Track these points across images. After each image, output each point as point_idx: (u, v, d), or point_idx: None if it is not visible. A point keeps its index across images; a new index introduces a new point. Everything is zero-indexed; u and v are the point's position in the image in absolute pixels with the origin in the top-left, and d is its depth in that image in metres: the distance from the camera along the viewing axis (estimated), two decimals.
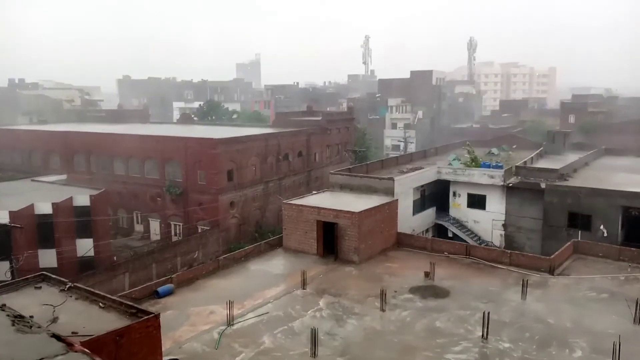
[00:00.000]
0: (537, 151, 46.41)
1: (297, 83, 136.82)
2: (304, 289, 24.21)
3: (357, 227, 27.92)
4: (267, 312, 21.62)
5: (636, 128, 61.24)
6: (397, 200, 32.18)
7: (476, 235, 37.67)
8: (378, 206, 30.08)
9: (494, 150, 50.61)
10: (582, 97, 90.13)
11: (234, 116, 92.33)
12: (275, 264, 28.30)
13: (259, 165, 47.44)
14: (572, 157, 42.86)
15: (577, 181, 35.98)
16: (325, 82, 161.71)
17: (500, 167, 37.91)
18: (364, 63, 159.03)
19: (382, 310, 21.78)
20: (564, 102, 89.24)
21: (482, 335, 19.25)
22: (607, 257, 27.71)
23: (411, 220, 36.01)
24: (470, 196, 38.59)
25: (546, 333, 19.65)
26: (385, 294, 22.31)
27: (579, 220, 32.42)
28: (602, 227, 31.41)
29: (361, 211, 28.48)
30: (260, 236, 41.17)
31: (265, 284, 25.01)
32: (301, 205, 30.58)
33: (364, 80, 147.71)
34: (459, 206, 39.21)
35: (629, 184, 34.13)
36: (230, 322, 20.42)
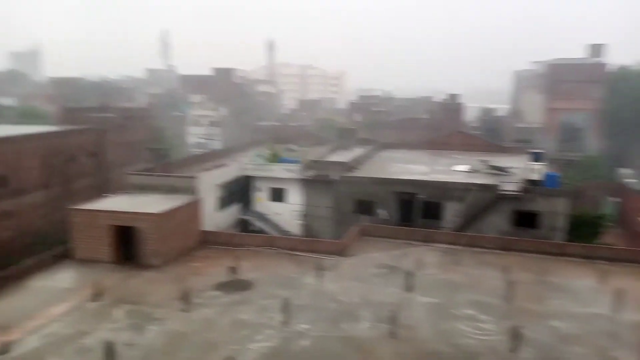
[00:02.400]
0: (330, 146, 50.64)
1: (88, 75, 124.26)
2: (97, 300, 22.28)
3: (157, 229, 26.77)
4: (54, 332, 19.31)
5: (408, 124, 71.47)
6: (200, 198, 31.81)
7: (279, 227, 39.48)
8: (180, 206, 29.28)
9: (293, 147, 53.59)
10: (366, 98, 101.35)
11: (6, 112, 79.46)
12: (63, 278, 25.41)
13: (41, 168, 41.83)
14: (358, 151, 47.86)
15: (361, 172, 40.38)
16: (121, 76, 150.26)
17: (297, 162, 40.34)
18: (163, 57, 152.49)
19: (186, 311, 21.36)
20: (352, 102, 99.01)
21: (283, 320, 20.34)
22: (387, 237, 31.81)
23: (216, 217, 35.99)
24: (272, 190, 40.24)
25: (339, 310, 21.70)
26: (189, 295, 21.94)
27: (364, 206, 36.56)
28: (382, 211, 35.91)
29: (161, 212, 27.36)
30: (45, 248, 36.38)
31: (51, 300, 22.30)
32: (93, 210, 28.00)
33: (163, 75, 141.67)
34: (262, 200, 40.55)
35: (402, 173, 39.66)
36: (4, 350, 17.67)
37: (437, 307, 22.19)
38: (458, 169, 41.60)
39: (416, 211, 35.84)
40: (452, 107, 76.87)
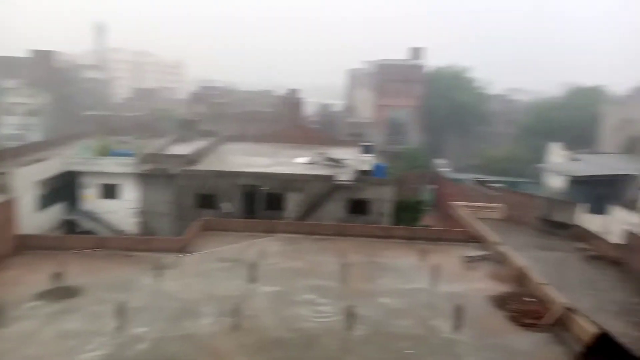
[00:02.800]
0: (169, 139, 48.45)
1: None
2: None
3: None
4: None
5: (250, 117, 71.79)
6: (15, 197, 27.91)
7: (112, 226, 36.62)
8: None
9: (127, 139, 50.03)
10: (208, 89, 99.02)
11: None
12: None
13: None
14: (200, 144, 46.62)
15: (203, 165, 39.49)
16: None
17: (132, 155, 37.82)
18: None
19: None
20: (193, 92, 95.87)
21: (118, 326, 18.98)
22: (230, 230, 31.66)
23: (36, 219, 32.00)
24: (103, 187, 37.10)
25: (179, 308, 20.97)
26: (3, 308, 19.18)
27: (206, 200, 35.85)
28: (225, 204, 35.62)
29: None
30: None
31: None
32: None
33: None
34: (91, 198, 37.17)
35: (245, 166, 39.77)
36: None
37: (279, 294, 22.81)
38: (298, 161, 43.12)
39: (259, 203, 36.29)
40: (292, 101, 79.23)
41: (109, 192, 37.04)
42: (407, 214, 40.24)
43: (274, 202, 36.43)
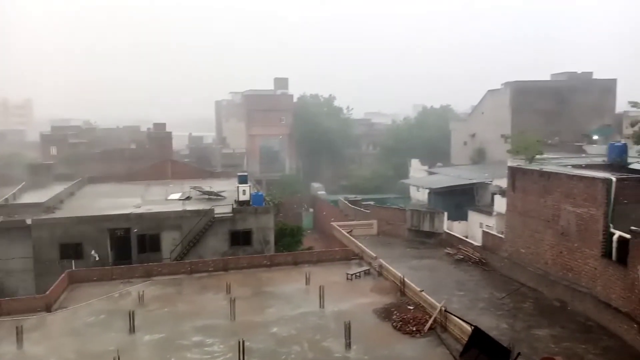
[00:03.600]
0: (20, 186, 43.47)
1: None
2: None
3: None
4: None
5: (114, 156, 67.40)
6: None
7: None
8: None
9: None
10: (62, 129, 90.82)
11: None
12: None
13: None
14: (57, 189, 42.49)
15: (64, 212, 35.99)
16: None
17: None
18: None
19: None
20: (44, 134, 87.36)
21: None
22: (102, 279, 29.13)
23: None
24: None
25: None
26: None
27: (71, 250, 32.53)
28: (93, 252, 32.66)
29: None
30: None
31: None
32: None
33: None
34: None
35: (112, 208, 37.03)
36: None
37: (163, 342, 21.42)
38: (172, 198, 41.39)
39: (132, 247, 33.96)
40: (160, 136, 76.22)
41: None
42: (289, 239, 40.60)
43: (149, 244, 34.34)
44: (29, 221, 32.54)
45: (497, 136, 50.88)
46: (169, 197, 41.68)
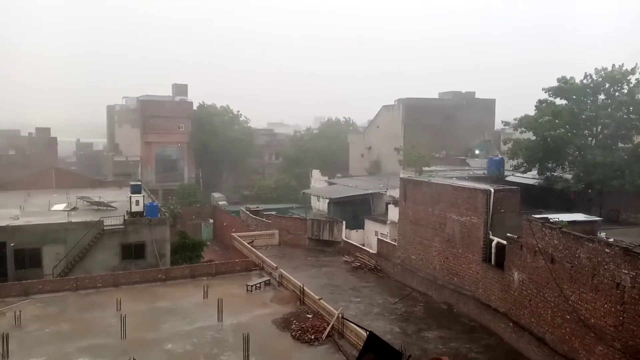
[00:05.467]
0: None
1: None
2: None
3: None
4: None
5: None
6: None
7: None
8: None
9: None
10: None
11: None
12: None
13: None
14: None
15: None
16: None
17: None
18: None
19: None
20: None
21: None
22: None
23: None
24: None
25: None
26: None
27: None
28: None
29: None
30: None
31: None
32: None
33: None
34: None
35: None
36: None
37: None
38: (56, 209, 38.20)
39: (9, 262, 30.72)
40: (43, 141, 70.16)
41: None
42: (187, 251, 39.19)
43: (28, 259, 31.27)
44: None
45: (391, 149, 53.60)
46: (52, 208, 38.41)
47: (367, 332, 20.61)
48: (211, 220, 59.47)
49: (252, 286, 29.39)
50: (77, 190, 46.14)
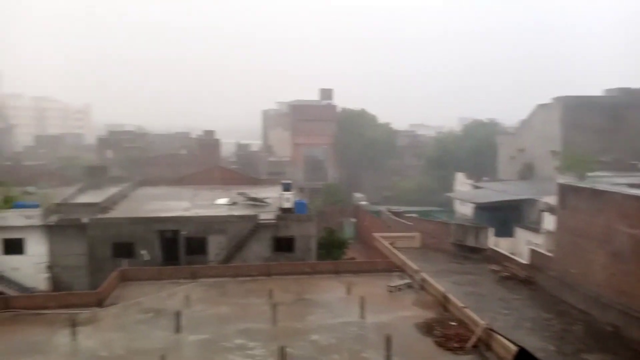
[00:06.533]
0: (78, 187, 45.79)
1: None
2: None
3: None
4: None
5: (165, 161, 69.92)
6: None
7: (18, 284, 33.50)
8: None
9: (30, 189, 46.58)
10: (117, 134, 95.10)
11: None
12: None
13: None
14: (112, 190, 44.48)
15: (117, 212, 37.65)
16: None
17: (37, 206, 35.24)
18: None
19: None
20: (101, 137, 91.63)
21: None
22: (152, 279, 30.24)
23: None
24: (4, 242, 34.02)
25: None
26: None
27: (123, 249, 33.99)
28: (144, 252, 34.00)
29: None
30: None
31: None
32: None
33: None
34: None
35: (162, 210, 38.42)
36: None
37: (207, 342, 22.02)
38: (219, 203, 42.49)
39: (180, 248, 35.10)
40: (209, 143, 78.47)
41: (13, 247, 33.94)
42: (331, 248, 40.80)
43: (196, 247, 35.38)
44: (85, 220, 34.27)
45: (546, 152, 49.45)
46: (216, 202, 42.80)
47: (518, 347, 19.42)
48: (353, 219, 60.92)
49: (393, 287, 29.51)
50: (237, 186, 50.75)
